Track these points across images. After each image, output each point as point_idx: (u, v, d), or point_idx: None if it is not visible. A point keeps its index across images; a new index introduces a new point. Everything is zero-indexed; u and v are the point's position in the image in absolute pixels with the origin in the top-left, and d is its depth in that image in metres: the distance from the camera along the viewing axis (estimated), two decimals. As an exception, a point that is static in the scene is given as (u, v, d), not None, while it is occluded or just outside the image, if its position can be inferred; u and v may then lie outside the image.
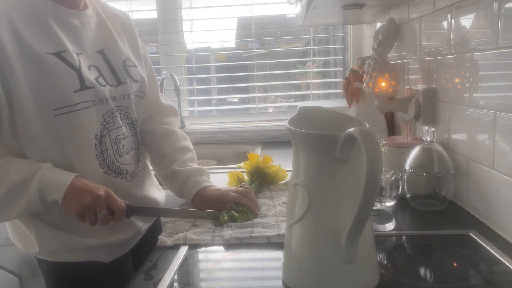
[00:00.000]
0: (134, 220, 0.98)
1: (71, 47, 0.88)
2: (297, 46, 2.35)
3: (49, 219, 0.89)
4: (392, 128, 1.47)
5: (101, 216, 0.84)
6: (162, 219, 1.15)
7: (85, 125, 0.88)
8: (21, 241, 0.94)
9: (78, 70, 0.87)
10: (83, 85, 0.87)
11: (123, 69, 0.98)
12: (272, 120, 2.13)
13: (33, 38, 0.83)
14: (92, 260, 0.92)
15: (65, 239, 0.89)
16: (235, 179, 1.16)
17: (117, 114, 0.95)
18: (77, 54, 0.89)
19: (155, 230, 1.09)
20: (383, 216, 0.86)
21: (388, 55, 1.22)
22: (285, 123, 0.61)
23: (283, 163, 1.21)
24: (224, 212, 0.91)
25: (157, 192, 1.09)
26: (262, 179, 1.16)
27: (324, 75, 2.24)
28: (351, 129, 0.52)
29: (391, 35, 1.25)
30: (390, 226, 0.82)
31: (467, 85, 0.88)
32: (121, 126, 0.96)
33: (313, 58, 2.16)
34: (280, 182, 1.19)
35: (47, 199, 0.83)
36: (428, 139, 0.92)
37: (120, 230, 0.95)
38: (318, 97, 2.15)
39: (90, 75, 0.90)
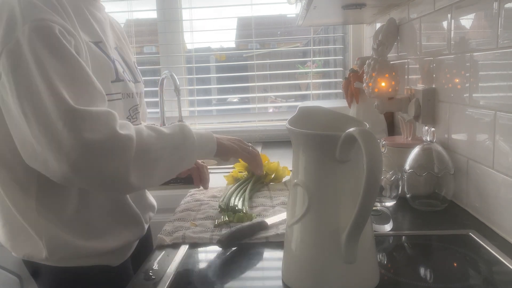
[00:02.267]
0: (141, 219, 0.98)
1: (104, 39, 0.89)
2: (297, 46, 2.35)
3: (64, 225, 0.85)
4: (392, 128, 1.47)
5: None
6: (161, 219, 1.14)
7: None
8: (20, 247, 0.88)
9: (113, 62, 0.88)
10: (117, 77, 0.88)
11: (135, 68, 1.01)
12: (272, 120, 2.13)
13: (78, 25, 0.81)
14: (99, 264, 0.90)
15: (78, 246, 0.86)
16: (232, 181, 1.17)
17: (139, 110, 0.96)
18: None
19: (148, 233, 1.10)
20: (381, 217, 0.86)
21: (388, 55, 1.22)
22: (285, 123, 0.61)
23: (284, 163, 1.21)
24: (224, 214, 0.91)
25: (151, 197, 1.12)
26: (262, 177, 1.16)
27: (324, 75, 2.24)
28: (351, 129, 0.52)
29: (391, 35, 1.25)
30: (387, 227, 0.82)
31: (467, 85, 0.88)
32: (141, 123, 0.97)
33: (313, 58, 2.16)
34: (283, 180, 1.19)
35: (201, 149, 0.89)
36: (428, 139, 0.92)
37: (131, 228, 0.94)
38: (318, 97, 2.15)
39: (120, 68, 0.91)
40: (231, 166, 1.25)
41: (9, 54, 0.71)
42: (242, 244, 0.79)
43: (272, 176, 1.18)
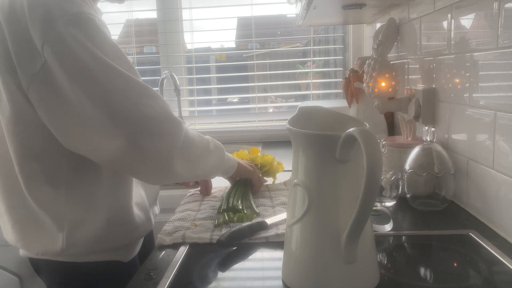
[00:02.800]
0: (150, 215, 0.98)
1: None
2: (297, 46, 2.35)
3: (90, 213, 0.85)
4: (392, 128, 1.47)
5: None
6: (161, 219, 1.15)
7: None
8: (34, 244, 0.87)
9: None
10: None
11: None
12: (272, 120, 2.13)
13: None
14: (111, 260, 0.90)
15: (97, 237, 0.86)
16: None
17: None
18: None
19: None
20: (382, 217, 0.86)
21: (388, 55, 1.22)
22: (285, 123, 0.61)
23: (283, 163, 1.21)
24: (224, 214, 0.91)
25: None
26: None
27: (324, 75, 2.24)
28: (351, 129, 0.52)
29: (391, 35, 1.25)
30: (387, 227, 0.82)
31: (467, 85, 0.88)
32: None
33: (313, 58, 2.16)
34: (278, 182, 1.19)
35: (227, 163, 0.98)
36: (428, 139, 0.92)
37: (142, 219, 0.94)
38: (318, 97, 2.15)
39: None
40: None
41: (52, 45, 0.73)
42: (242, 244, 0.79)
43: (267, 168, 1.18)
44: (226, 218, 0.89)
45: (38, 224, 0.86)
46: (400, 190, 0.94)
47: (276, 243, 0.78)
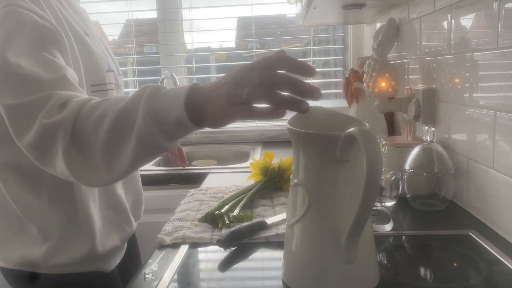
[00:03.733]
0: (130, 217, 0.98)
1: (89, 30, 0.90)
2: (297, 46, 2.35)
3: (72, 221, 0.84)
4: (392, 128, 1.47)
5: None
6: (161, 219, 1.14)
7: None
8: (13, 254, 0.85)
9: (103, 52, 0.89)
10: (109, 67, 0.89)
11: (116, 60, 1.01)
12: (272, 120, 2.12)
13: (63, 17, 0.82)
14: (93, 271, 0.89)
15: (79, 246, 0.85)
16: (258, 173, 1.12)
17: None
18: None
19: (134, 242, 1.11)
20: (382, 217, 0.86)
21: (388, 55, 1.22)
22: (285, 123, 0.61)
23: (283, 163, 1.21)
24: (224, 216, 0.90)
25: None
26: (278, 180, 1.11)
27: (324, 75, 2.24)
28: (351, 129, 0.52)
29: (391, 35, 1.25)
30: (387, 227, 0.82)
31: (467, 85, 0.88)
32: None
33: (313, 58, 2.16)
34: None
35: (167, 120, 0.58)
36: (428, 139, 0.92)
37: (118, 228, 0.93)
38: (318, 97, 2.15)
39: (109, 59, 0.93)
40: (232, 165, 1.23)
41: None
42: (242, 244, 0.79)
43: (289, 174, 1.06)
44: (227, 222, 0.88)
45: (22, 233, 0.85)
46: (400, 190, 0.94)
47: (276, 243, 0.78)
